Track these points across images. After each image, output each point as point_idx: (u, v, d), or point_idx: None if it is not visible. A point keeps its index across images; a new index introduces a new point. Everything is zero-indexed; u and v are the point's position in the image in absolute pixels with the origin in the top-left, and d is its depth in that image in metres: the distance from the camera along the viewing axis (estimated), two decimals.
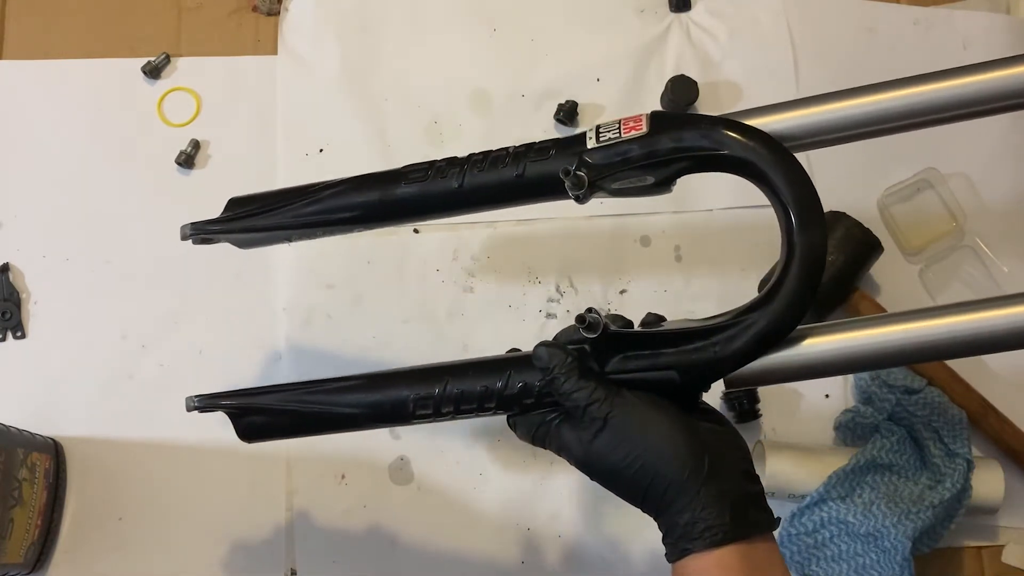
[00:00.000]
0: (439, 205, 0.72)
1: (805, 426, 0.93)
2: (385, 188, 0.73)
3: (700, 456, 0.60)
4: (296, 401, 0.72)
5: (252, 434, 0.74)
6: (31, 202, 0.97)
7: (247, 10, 1.03)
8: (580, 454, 0.62)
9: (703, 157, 0.64)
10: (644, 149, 0.65)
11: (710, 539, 0.58)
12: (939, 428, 0.87)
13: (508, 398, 0.67)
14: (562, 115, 1.00)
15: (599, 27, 1.04)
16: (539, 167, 0.68)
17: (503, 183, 0.69)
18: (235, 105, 1.00)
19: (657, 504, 0.60)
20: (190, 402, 0.73)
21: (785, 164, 0.63)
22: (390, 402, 0.70)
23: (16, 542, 0.81)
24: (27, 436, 0.85)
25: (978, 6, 1.07)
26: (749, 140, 0.63)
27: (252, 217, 0.76)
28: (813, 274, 0.62)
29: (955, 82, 0.68)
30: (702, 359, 0.63)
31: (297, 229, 0.76)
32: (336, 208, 0.74)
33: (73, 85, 1.00)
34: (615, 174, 0.65)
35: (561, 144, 0.68)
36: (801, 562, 0.86)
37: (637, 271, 0.97)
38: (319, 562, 0.88)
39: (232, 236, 0.76)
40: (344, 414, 0.71)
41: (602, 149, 0.65)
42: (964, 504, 0.85)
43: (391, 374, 0.72)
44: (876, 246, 0.92)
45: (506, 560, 0.89)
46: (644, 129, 0.65)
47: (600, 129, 0.66)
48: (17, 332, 0.93)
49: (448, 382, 0.68)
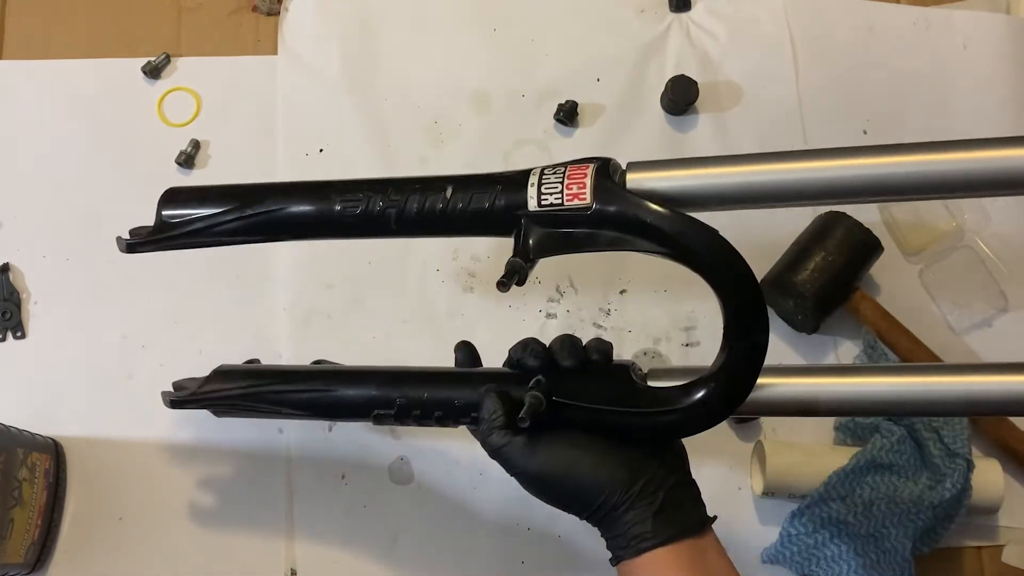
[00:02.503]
0: (372, 231, 0.70)
1: (805, 426, 0.92)
2: (321, 206, 0.69)
3: (631, 480, 0.64)
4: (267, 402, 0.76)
5: (222, 415, 0.80)
6: (31, 202, 0.97)
7: (247, 10, 1.03)
8: (519, 483, 0.67)
9: (647, 250, 0.63)
10: (585, 230, 0.62)
11: (635, 548, 0.63)
12: (939, 428, 0.87)
13: (463, 421, 0.70)
14: (562, 115, 1.00)
15: (599, 27, 1.04)
16: (479, 210, 0.65)
17: (440, 219, 0.66)
18: (235, 105, 1.00)
19: (594, 523, 0.66)
20: (165, 398, 0.79)
21: (735, 265, 0.63)
22: (351, 405, 0.73)
23: (16, 542, 0.81)
24: (27, 436, 0.85)
25: (978, 6, 1.07)
26: (704, 240, 0.62)
27: (184, 237, 0.72)
28: (751, 368, 0.63)
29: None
30: (636, 429, 0.65)
31: (225, 244, 0.73)
32: (264, 226, 0.71)
33: (73, 85, 1.00)
34: (554, 253, 0.64)
35: (504, 187, 0.65)
36: (801, 562, 0.86)
37: (637, 271, 0.97)
38: (319, 562, 0.88)
39: (166, 250, 0.74)
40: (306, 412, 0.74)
41: (543, 215, 0.63)
42: (964, 504, 0.85)
43: (353, 374, 0.74)
44: (876, 246, 0.92)
45: (506, 560, 0.89)
46: (588, 200, 0.62)
47: (543, 183, 0.63)
48: (17, 332, 0.93)
49: (409, 395, 0.71)
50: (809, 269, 0.90)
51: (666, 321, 0.95)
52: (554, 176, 0.63)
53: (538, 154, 1.00)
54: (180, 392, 0.79)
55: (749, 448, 0.91)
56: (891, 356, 0.91)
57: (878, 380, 0.66)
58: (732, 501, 0.90)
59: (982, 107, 1.03)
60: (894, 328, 0.92)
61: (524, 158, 1.00)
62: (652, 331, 0.95)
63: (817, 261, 0.90)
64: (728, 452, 0.91)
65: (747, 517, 0.90)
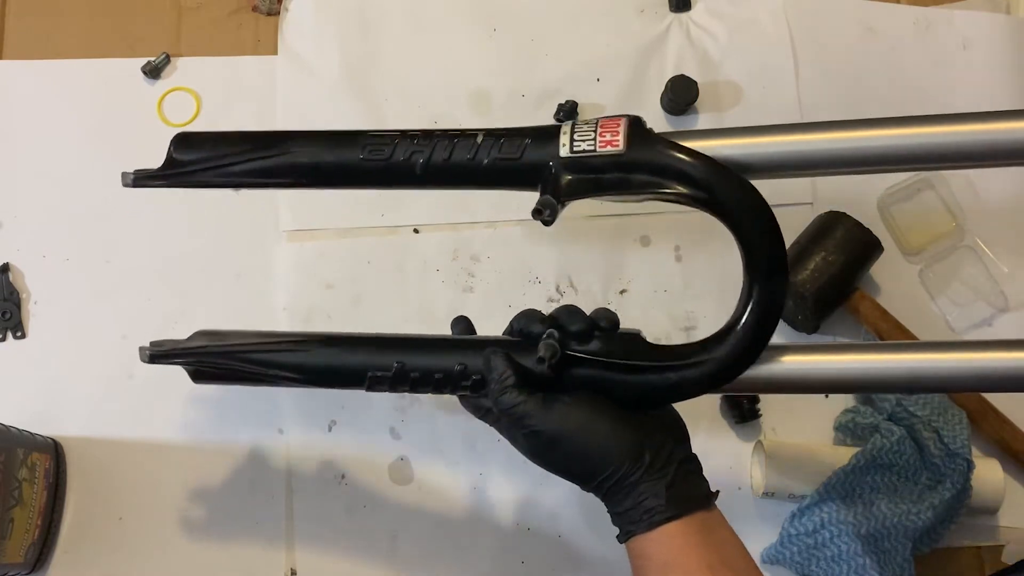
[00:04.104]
0: (397, 181, 0.68)
1: (805, 426, 0.92)
2: (342, 154, 0.68)
3: (639, 450, 0.63)
4: (254, 363, 0.71)
5: (201, 378, 0.73)
6: (31, 202, 0.97)
7: (247, 10, 1.03)
8: (524, 448, 0.66)
9: (678, 194, 0.63)
10: (617, 174, 0.63)
11: (648, 521, 0.62)
12: (939, 428, 0.87)
13: (464, 386, 0.68)
14: (562, 115, 1.00)
15: (599, 27, 1.04)
16: (508, 163, 0.65)
17: (468, 169, 0.66)
18: (235, 105, 1.00)
19: (601, 493, 0.65)
20: (143, 353, 0.72)
21: (762, 216, 0.63)
22: (347, 371, 0.70)
23: (16, 542, 0.81)
24: (27, 436, 0.85)
25: (978, 6, 1.07)
26: (729, 185, 0.62)
27: (195, 173, 0.70)
28: (768, 324, 0.63)
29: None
30: (651, 389, 0.65)
31: (243, 186, 0.74)
32: (286, 170, 0.69)
33: (73, 85, 1.00)
34: (585, 195, 0.64)
35: (534, 140, 0.65)
36: (801, 562, 0.86)
37: (637, 271, 0.97)
38: (319, 562, 0.88)
39: (176, 187, 0.72)
40: (295, 379, 0.71)
41: (574, 161, 0.63)
42: (964, 504, 0.85)
43: (352, 340, 0.71)
44: (876, 246, 0.92)
45: (506, 560, 0.89)
46: (621, 147, 0.62)
47: (575, 132, 0.63)
48: (17, 332, 0.93)
49: (406, 362, 0.68)
50: (809, 269, 0.90)
51: (666, 321, 0.95)
52: (587, 127, 0.63)
53: None
54: (160, 347, 0.73)
55: (749, 448, 0.91)
56: None
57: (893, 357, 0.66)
58: (732, 501, 0.90)
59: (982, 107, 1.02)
60: (894, 328, 0.92)
61: None
62: (652, 331, 0.95)
63: (817, 261, 0.90)
64: (728, 452, 0.91)
65: (747, 517, 0.90)
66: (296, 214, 0.97)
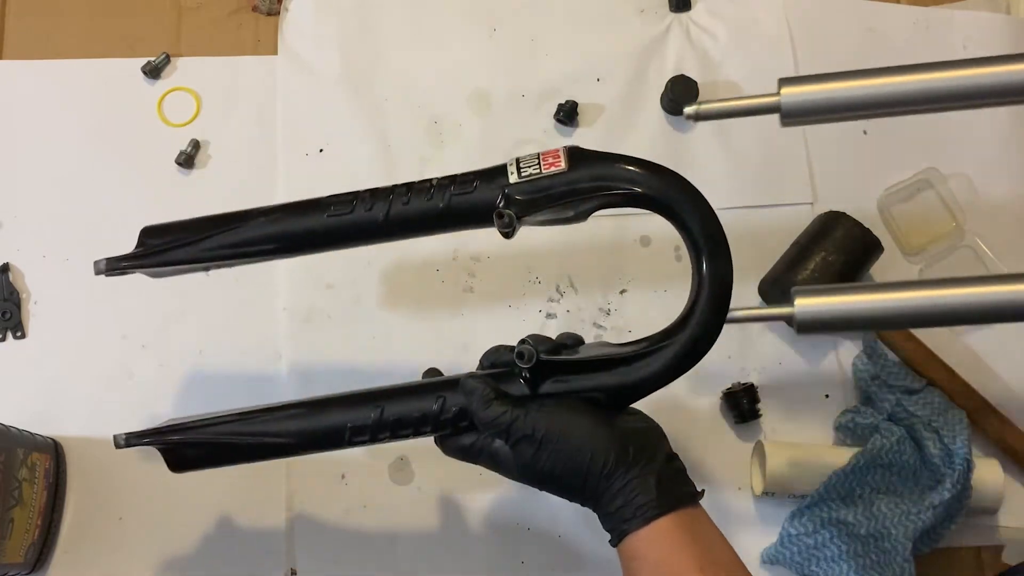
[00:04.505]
0: (363, 235, 0.73)
1: (805, 426, 0.93)
2: (307, 219, 0.73)
3: (623, 446, 0.66)
4: (229, 433, 0.73)
5: (183, 466, 0.74)
6: (31, 202, 0.97)
7: (247, 10, 1.03)
8: (514, 466, 0.68)
9: (619, 194, 0.69)
10: (564, 186, 0.68)
11: (642, 516, 0.64)
12: (939, 428, 0.87)
13: (444, 421, 0.70)
14: (562, 115, 1.00)
15: (599, 27, 1.04)
16: (463, 199, 0.71)
17: (427, 214, 0.71)
18: (235, 105, 1.00)
19: (592, 496, 0.66)
20: (118, 439, 0.73)
21: (694, 201, 0.69)
22: (324, 430, 0.72)
23: (16, 542, 0.81)
24: (27, 436, 0.85)
25: (978, 6, 1.07)
26: (661, 179, 0.68)
27: (166, 252, 0.75)
28: (721, 302, 0.68)
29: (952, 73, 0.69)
30: (624, 383, 0.68)
31: (214, 261, 0.76)
32: (255, 240, 0.74)
33: (73, 85, 1.00)
34: (538, 209, 0.69)
35: (484, 176, 0.71)
36: (801, 562, 0.86)
37: (637, 271, 0.97)
38: (319, 562, 0.88)
39: (146, 270, 0.77)
40: (278, 444, 0.72)
41: (524, 184, 0.69)
42: (964, 504, 0.85)
43: (327, 400, 0.73)
44: (876, 246, 0.92)
45: (506, 560, 0.89)
46: (563, 166, 0.69)
47: (520, 164, 0.70)
48: (17, 332, 0.93)
49: (384, 408, 0.71)
50: (809, 269, 0.90)
51: (666, 321, 0.95)
52: (530, 158, 0.70)
53: None
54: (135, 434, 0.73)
55: (749, 448, 0.91)
56: (891, 356, 0.91)
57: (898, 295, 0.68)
58: (732, 501, 0.90)
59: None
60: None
61: None
62: (652, 331, 0.95)
63: (817, 261, 0.90)
64: (728, 452, 0.91)
65: (747, 517, 0.90)
66: None
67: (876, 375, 0.90)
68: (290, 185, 0.98)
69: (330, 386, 0.91)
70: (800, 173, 0.99)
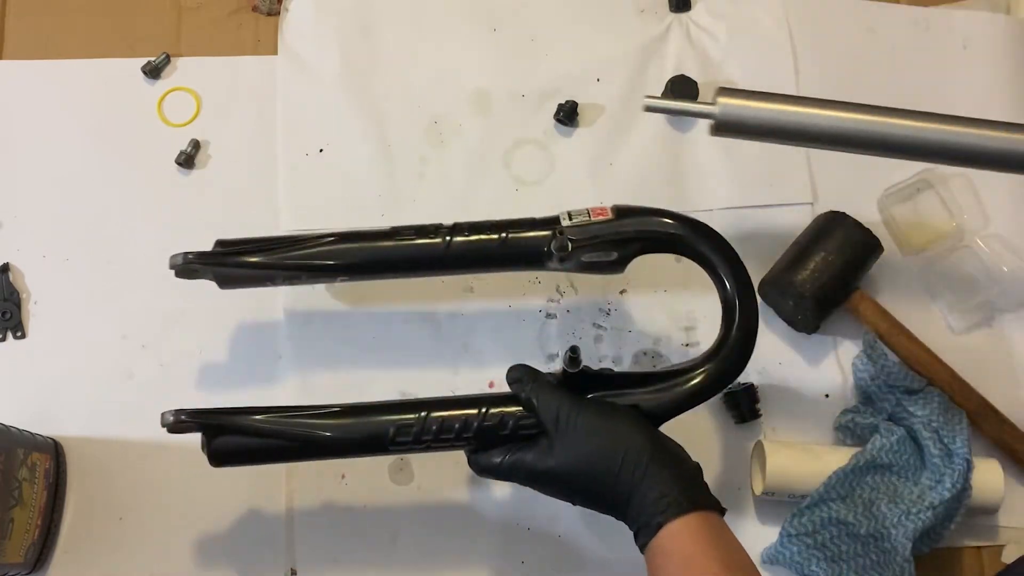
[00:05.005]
0: (423, 265, 0.82)
1: (805, 426, 0.93)
2: (373, 244, 0.82)
3: (660, 445, 0.71)
4: (277, 423, 0.75)
5: (224, 457, 0.76)
6: (31, 202, 0.97)
7: (247, 10, 1.03)
8: (554, 464, 0.72)
9: (658, 240, 0.80)
10: (610, 232, 0.79)
11: (676, 509, 0.67)
12: (939, 428, 0.87)
13: (486, 428, 0.74)
14: (562, 115, 1.00)
15: (599, 27, 1.04)
16: (520, 237, 0.80)
17: (486, 247, 0.80)
18: (235, 105, 1.00)
19: (626, 490, 0.69)
20: (165, 417, 0.74)
21: (724, 251, 0.79)
22: (371, 429, 0.75)
23: (16, 542, 0.81)
24: (27, 436, 0.85)
25: (978, 6, 1.07)
26: (695, 231, 0.80)
27: (237, 256, 0.81)
28: (749, 342, 0.78)
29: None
30: (659, 401, 0.76)
31: (281, 271, 0.82)
32: (321, 256, 0.81)
33: (73, 85, 1.00)
34: (588, 248, 0.79)
35: (539, 221, 0.81)
36: (801, 562, 0.86)
37: (637, 271, 0.96)
38: (319, 562, 0.88)
39: (218, 270, 0.81)
40: (325, 438, 0.75)
41: (576, 227, 0.79)
42: (964, 504, 0.85)
43: (372, 404, 0.77)
44: (876, 246, 0.92)
45: (506, 560, 0.89)
46: (610, 216, 0.80)
47: (572, 214, 0.80)
48: (17, 332, 0.93)
49: (429, 413, 0.75)
50: (809, 269, 0.90)
51: (666, 321, 0.96)
52: (580, 212, 0.81)
53: (538, 154, 1.00)
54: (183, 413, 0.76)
55: (749, 448, 0.91)
56: (891, 356, 0.91)
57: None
58: (732, 501, 0.90)
59: (982, 107, 1.02)
60: (894, 328, 0.92)
61: (524, 158, 1.00)
62: (652, 331, 0.95)
63: (817, 261, 0.90)
64: (728, 452, 0.91)
65: (747, 517, 0.90)
66: (296, 215, 0.97)
67: (876, 375, 0.89)
68: (290, 185, 0.98)
69: (330, 386, 0.92)
70: (800, 173, 0.99)
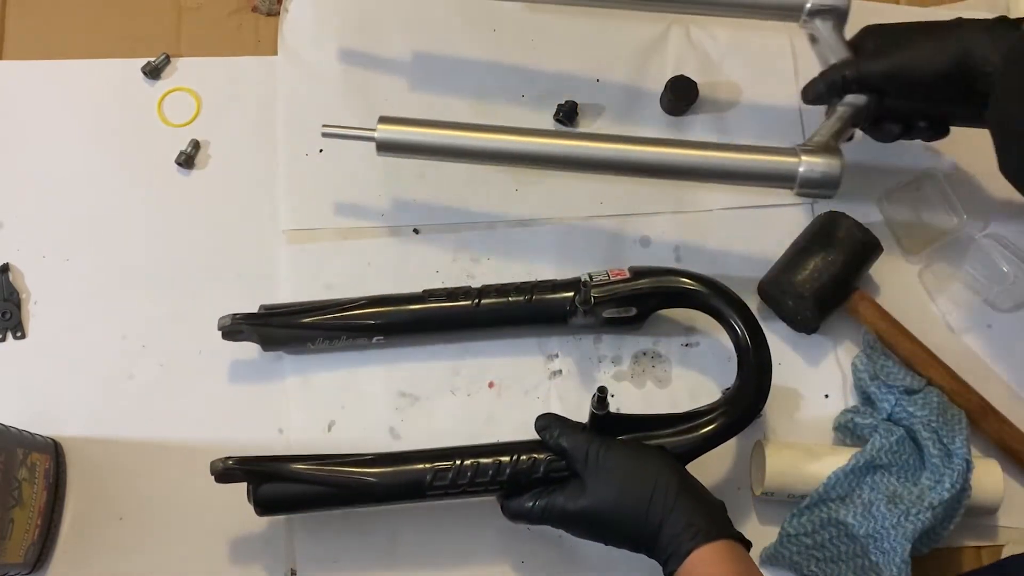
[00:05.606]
0: (454, 326, 0.90)
1: (805, 426, 0.92)
2: (408, 307, 0.90)
3: (687, 480, 0.76)
4: (319, 471, 0.79)
5: (269, 504, 0.80)
6: (31, 202, 0.97)
7: (247, 10, 1.03)
8: (586, 504, 0.75)
9: (673, 295, 0.88)
10: (628, 290, 0.87)
11: (706, 536, 0.71)
12: (938, 428, 0.87)
13: (519, 472, 0.79)
14: (562, 115, 1.00)
15: (599, 27, 1.04)
16: (544, 296, 0.89)
17: (513, 305, 0.88)
18: (235, 105, 1.00)
19: (658, 520, 0.72)
20: (215, 465, 0.79)
21: (735, 304, 0.86)
22: (410, 476, 0.80)
23: (16, 542, 0.81)
24: (27, 436, 0.85)
25: (978, 6, 1.06)
26: (708, 287, 0.87)
27: (280, 316, 0.88)
28: (763, 386, 0.84)
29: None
30: (684, 442, 0.81)
31: (323, 331, 0.89)
32: (362, 318, 0.89)
33: (73, 85, 1.00)
34: (609, 303, 0.87)
35: (562, 282, 0.89)
36: (801, 562, 0.86)
37: None
38: (319, 562, 0.88)
39: (263, 331, 0.88)
40: (368, 484, 0.79)
41: (597, 286, 0.87)
42: (964, 504, 0.85)
43: (403, 453, 0.82)
44: (876, 246, 0.92)
45: (506, 560, 0.89)
46: (628, 275, 0.88)
47: (592, 275, 0.87)
48: (17, 332, 0.93)
49: (463, 460, 0.80)
50: (809, 269, 0.90)
51: (666, 322, 0.95)
52: (600, 272, 0.88)
53: None
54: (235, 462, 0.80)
55: (749, 448, 0.91)
56: (891, 356, 0.91)
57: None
58: (732, 501, 0.89)
59: None
60: (893, 328, 0.92)
61: None
62: (652, 331, 0.95)
63: (816, 261, 0.90)
64: (728, 452, 0.91)
65: (747, 517, 0.90)
66: (296, 214, 0.97)
67: (876, 375, 0.89)
68: (290, 185, 0.98)
69: (330, 386, 0.92)
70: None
